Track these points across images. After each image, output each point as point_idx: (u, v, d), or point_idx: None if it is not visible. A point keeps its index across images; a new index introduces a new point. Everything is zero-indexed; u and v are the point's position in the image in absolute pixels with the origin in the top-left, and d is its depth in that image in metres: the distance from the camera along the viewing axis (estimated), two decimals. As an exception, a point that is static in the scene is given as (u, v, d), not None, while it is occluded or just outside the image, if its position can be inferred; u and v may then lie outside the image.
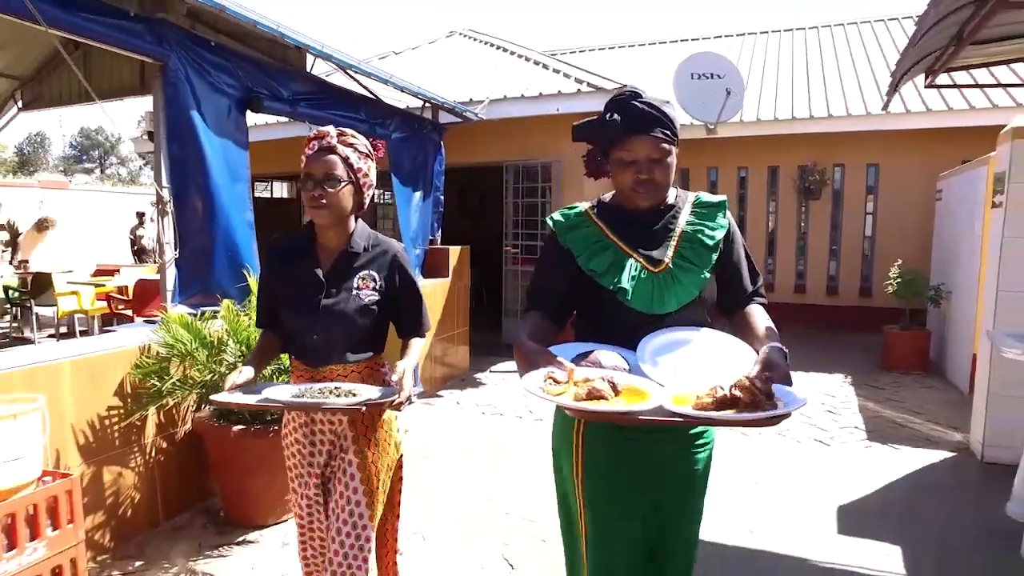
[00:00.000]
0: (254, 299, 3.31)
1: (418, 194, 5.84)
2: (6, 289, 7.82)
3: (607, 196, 1.76)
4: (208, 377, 3.19)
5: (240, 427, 3.14)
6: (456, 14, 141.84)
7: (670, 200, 1.70)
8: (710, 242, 1.65)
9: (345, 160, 1.93)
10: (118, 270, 8.65)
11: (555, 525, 1.92)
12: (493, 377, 6.53)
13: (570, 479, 1.68)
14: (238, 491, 3.30)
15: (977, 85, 4.50)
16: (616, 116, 1.59)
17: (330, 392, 1.82)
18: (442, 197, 6.32)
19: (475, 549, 3.10)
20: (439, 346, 6.05)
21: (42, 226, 14.37)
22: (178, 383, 3.12)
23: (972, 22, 2.89)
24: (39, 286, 7.53)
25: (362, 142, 2.02)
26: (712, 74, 8.04)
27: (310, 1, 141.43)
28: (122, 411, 3.04)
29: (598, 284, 1.62)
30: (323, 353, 1.98)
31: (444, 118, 6.32)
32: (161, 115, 3.41)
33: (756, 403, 1.24)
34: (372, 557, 2.04)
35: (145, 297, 6.67)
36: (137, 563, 2.91)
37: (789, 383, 1.34)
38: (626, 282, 1.59)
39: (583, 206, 1.74)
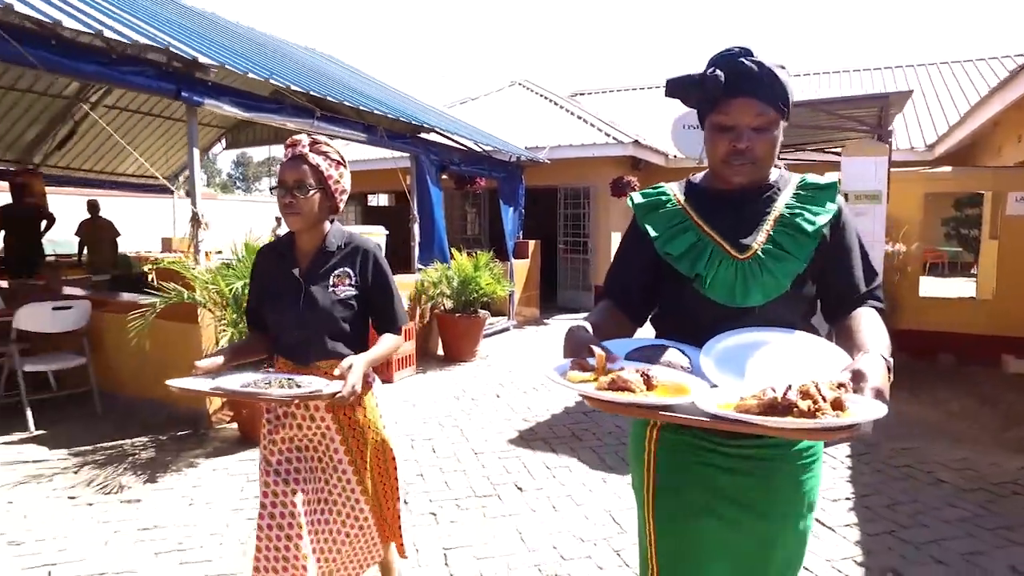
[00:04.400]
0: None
1: (511, 209, 9.93)
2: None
3: (698, 176, 1.54)
4: (436, 293, 7.27)
5: (457, 314, 7.25)
6: (493, 59, 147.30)
7: (771, 179, 1.45)
8: (809, 228, 1.38)
9: (315, 168, 1.99)
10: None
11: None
12: (553, 321, 10.62)
13: (641, 498, 1.45)
14: (452, 343, 7.41)
15: (809, 161, 8.39)
16: (719, 72, 1.34)
17: (279, 384, 1.83)
18: (523, 210, 10.40)
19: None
20: (524, 301, 10.19)
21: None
22: (430, 294, 7.25)
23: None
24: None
25: (334, 150, 2.06)
26: (698, 125, 11.99)
27: (380, 48, 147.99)
28: (412, 302, 7.18)
29: (676, 272, 1.41)
30: (306, 350, 2.05)
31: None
32: (414, 177, 7.55)
33: (814, 412, 0.98)
34: (377, 542, 2.21)
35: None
36: (418, 370, 7.01)
37: (883, 399, 1.06)
38: (704, 268, 1.37)
39: (670, 185, 1.53)
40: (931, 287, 10.08)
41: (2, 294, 5.74)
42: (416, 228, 7.61)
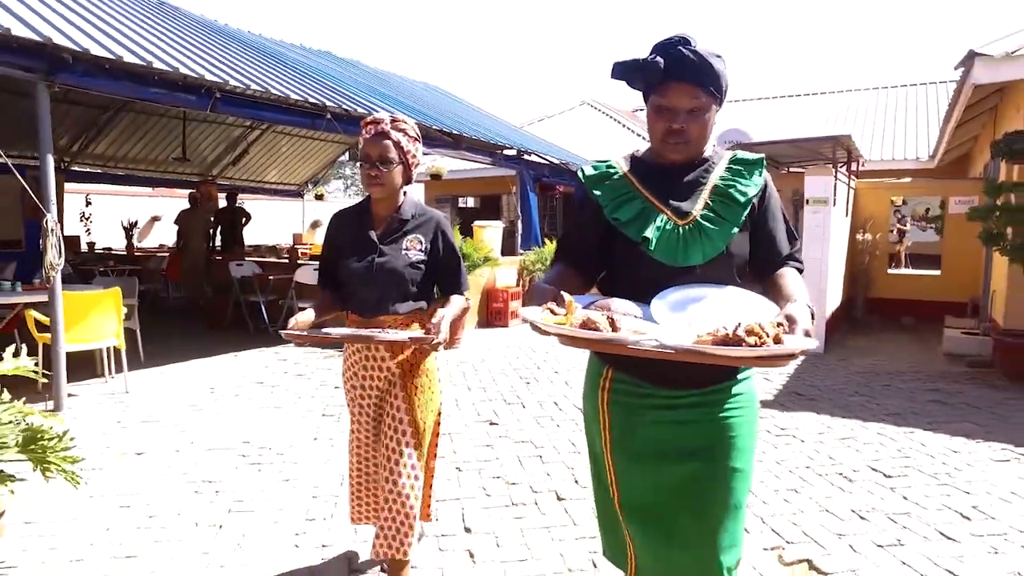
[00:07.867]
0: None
1: (583, 209, 12.91)
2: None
3: (641, 149, 1.71)
4: (535, 269, 10.26)
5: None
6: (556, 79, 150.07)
7: (706, 154, 1.64)
8: (742, 198, 1.59)
9: (397, 144, 2.18)
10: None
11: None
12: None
13: (598, 443, 1.68)
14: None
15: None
16: (659, 59, 1.49)
17: (381, 332, 2.14)
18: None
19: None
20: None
21: (314, 225, 22.48)
22: (531, 269, 10.26)
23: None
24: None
25: (411, 126, 2.26)
26: (736, 141, 14.65)
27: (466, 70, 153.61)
28: (519, 276, 10.20)
29: (624, 236, 1.58)
30: (376, 305, 2.27)
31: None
32: (519, 187, 10.58)
33: (760, 345, 1.17)
34: (420, 485, 2.30)
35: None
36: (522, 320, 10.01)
37: (809, 336, 1.32)
38: (650, 232, 1.53)
39: (616, 159, 1.69)
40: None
41: (262, 266, 9.08)
42: (519, 223, 10.65)
